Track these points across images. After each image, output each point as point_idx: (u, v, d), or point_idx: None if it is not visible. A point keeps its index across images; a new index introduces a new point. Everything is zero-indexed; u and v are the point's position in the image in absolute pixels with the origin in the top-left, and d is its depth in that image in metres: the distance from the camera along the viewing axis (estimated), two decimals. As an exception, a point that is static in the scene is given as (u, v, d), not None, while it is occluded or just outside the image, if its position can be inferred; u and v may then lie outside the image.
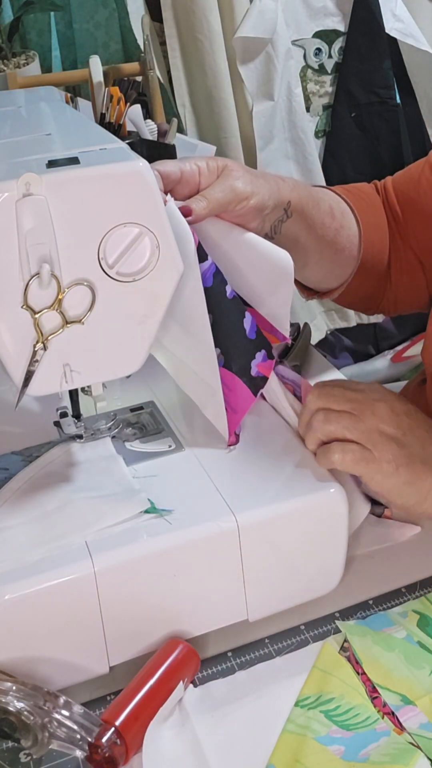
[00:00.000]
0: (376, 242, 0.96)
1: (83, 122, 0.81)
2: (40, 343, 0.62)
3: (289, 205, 0.81)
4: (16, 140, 0.71)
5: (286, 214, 0.81)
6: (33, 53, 2.00)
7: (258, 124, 2.17)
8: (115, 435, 0.78)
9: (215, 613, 0.69)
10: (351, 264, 0.94)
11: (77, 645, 0.65)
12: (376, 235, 0.96)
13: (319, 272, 0.94)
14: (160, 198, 0.62)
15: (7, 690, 0.59)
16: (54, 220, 0.59)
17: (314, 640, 0.70)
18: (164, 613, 0.67)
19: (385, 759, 0.59)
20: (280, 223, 0.81)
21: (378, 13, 2.18)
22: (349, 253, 0.93)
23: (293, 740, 0.61)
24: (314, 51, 2.24)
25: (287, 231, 0.82)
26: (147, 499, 0.69)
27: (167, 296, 0.65)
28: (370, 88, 2.25)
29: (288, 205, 0.81)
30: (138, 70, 1.95)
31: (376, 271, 0.97)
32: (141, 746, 0.60)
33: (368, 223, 0.94)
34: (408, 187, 0.98)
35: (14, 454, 0.77)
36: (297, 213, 0.82)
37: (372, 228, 0.95)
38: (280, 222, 0.81)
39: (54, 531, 0.66)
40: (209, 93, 2.12)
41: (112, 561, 0.64)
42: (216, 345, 0.72)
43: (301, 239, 0.85)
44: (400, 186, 1.00)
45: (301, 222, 0.84)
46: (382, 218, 0.98)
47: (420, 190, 0.96)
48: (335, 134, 2.31)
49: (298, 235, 0.84)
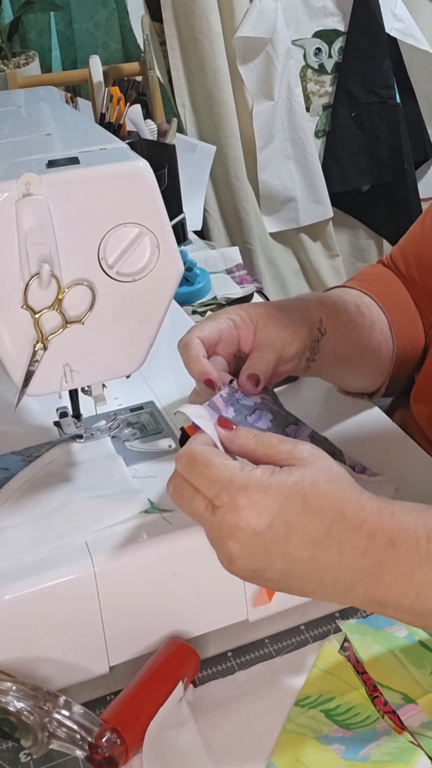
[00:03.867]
0: (406, 324, 0.92)
1: (83, 122, 0.82)
2: (40, 343, 0.62)
3: (321, 322, 0.78)
4: (16, 140, 0.71)
5: (320, 333, 0.78)
6: (33, 53, 2.01)
7: (258, 124, 2.17)
8: (115, 435, 0.78)
9: (215, 613, 0.69)
10: (390, 356, 0.90)
11: (77, 645, 0.65)
12: (405, 316, 0.92)
13: (365, 377, 0.90)
14: (160, 198, 0.62)
15: (7, 690, 0.59)
16: (54, 220, 0.59)
17: (314, 640, 0.70)
18: (164, 613, 0.67)
19: (386, 758, 0.59)
20: (317, 343, 0.77)
21: (378, 13, 2.18)
22: (386, 347, 0.89)
23: (293, 740, 0.61)
24: (314, 51, 2.24)
25: (324, 347, 0.79)
26: (147, 499, 0.69)
27: (167, 296, 0.65)
28: (370, 87, 2.25)
29: (320, 323, 0.78)
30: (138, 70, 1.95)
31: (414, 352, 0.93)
32: (141, 746, 0.60)
33: (393, 306, 0.91)
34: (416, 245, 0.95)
35: (14, 454, 0.77)
36: (330, 326, 0.79)
37: (399, 310, 0.92)
38: (316, 342, 0.77)
39: (54, 531, 0.66)
40: (209, 93, 2.12)
41: (112, 561, 0.64)
42: None
43: (339, 350, 0.81)
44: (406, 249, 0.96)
45: (336, 333, 0.80)
46: (405, 296, 0.94)
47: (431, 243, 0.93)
48: (335, 134, 2.31)
49: (336, 347, 0.81)
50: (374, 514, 0.54)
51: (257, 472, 0.54)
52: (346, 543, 0.53)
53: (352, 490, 0.55)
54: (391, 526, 0.54)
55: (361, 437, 0.90)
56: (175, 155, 1.43)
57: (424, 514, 0.55)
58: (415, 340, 0.93)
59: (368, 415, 0.95)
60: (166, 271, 0.64)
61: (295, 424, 0.69)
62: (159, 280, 0.64)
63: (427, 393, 0.91)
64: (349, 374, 0.88)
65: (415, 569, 0.53)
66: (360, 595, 0.54)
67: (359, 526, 0.53)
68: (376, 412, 0.95)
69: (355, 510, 0.54)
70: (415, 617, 0.55)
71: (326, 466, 0.55)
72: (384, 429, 0.93)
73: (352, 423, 0.93)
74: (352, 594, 0.55)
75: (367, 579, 0.54)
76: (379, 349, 0.88)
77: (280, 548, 0.53)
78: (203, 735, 0.62)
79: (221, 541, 0.54)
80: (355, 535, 0.53)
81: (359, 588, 0.54)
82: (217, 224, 2.26)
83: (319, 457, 0.55)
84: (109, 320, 0.63)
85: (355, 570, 0.53)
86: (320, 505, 0.53)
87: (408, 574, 0.53)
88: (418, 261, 0.94)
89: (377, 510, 0.54)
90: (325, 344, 0.78)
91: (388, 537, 0.53)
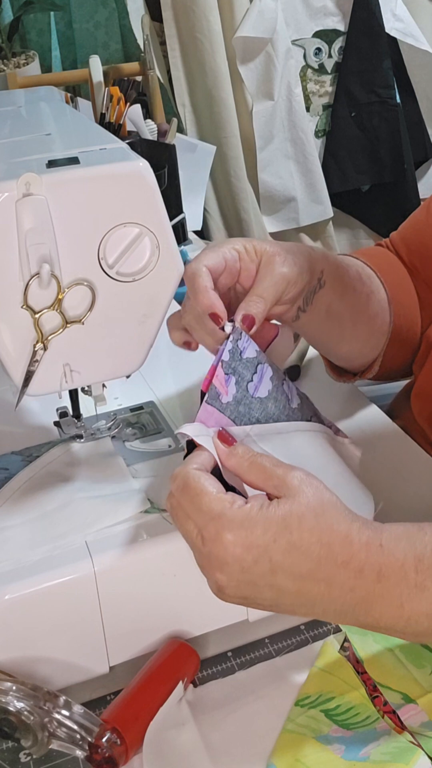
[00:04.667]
0: (405, 304, 0.91)
1: (83, 122, 0.82)
2: (40, 343, 0.62)
3: (322, 274, 0.76)
4: (16, 140, 0.71)
5: (319, 284, 0.76)
6: (33, 53, 2.01)
7: (258, 124, 2.17)
8: (115, 435, 0.78)
9: (215, 613, 0.69)
10: (385, 331, 0.88)
11: (77, 645, 0.65)
12: (405, 297, 0.91)
13: (356, 344, 0.88)
14: (160, 198, 0.62)
15: (7, 690, 0.59)
16: (54, 220, 0.59)
17: (314, 640, 0.70)
18: (164, 613, 0.67)
19: (386, 758, 0.59)
20: (312, 294, 0.75)
21: (378, 13, 2.18)
22: (382, 320, 0.88)
23: (293, 740, 0.61)
24: (314, 51, 2.24)
25: (319, 301, 0.77)
26: (147, 499, 0.69)
27: (167, 296, 0.65)
28: (370, 87, 2.25)
29: (321, 274, 0.76)
30: (138, 70, 1.95)
31: (411, 334, 0.92)
32: (141, 746, 0.60)
33: (394, 284, 0.90)
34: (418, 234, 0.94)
35: (14, 454, 0.77)
36: (329, 281, 0.77)
37: (399, 290, 0.90)
38: (312, 293, 0.75)
39: (54, 531, 0.66)
40: (209, 93, 2.12)
41: (112, 561, 0.64)
42: None
43: (333, 307, 0.79)
44: (408, 236, 0.95)
45: (334, 290, 0.78)
46: (405, 277, 0.93)
47: None
48: (335, 134, 2.31)
49: (330, 303, 0.78)
50: (362, 549, 0.54)
51: (246, 508, 0.54)
52: (334, 579, 0.53)
53: (342, 521, 0.55)
54: (378, 560, 0.54)
55: (362, 438, 0.90)
56: (175, 155, 1.43)
57: (413, 540, 0.55)
58: (413, 322, 0.92)
59: (369, 416, 0.95)
60: (166, 271, 0.64)
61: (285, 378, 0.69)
62: (159, 280, 0.64)
63: (429, 390, 0.91)
64: (340, 338, 0.85)
65: (404, 602, 0.53)
66: (351, 621, 0.56)
67: (347, 562, 0.53)
68: (376, 412, 0.95)
69: (342, 545, 0.54)
70: (409, 637, 0.56)
71: (317, 495, 0.55)
72: (384, 429, 0.93)
73: (353, 423, 0.93)
74: (343, 620, 0.56)
75: (357, 610, 0.54)
76: (374, 320, 0.86)
77: (267, 581, 0.54)
78: (203, 735, 0.62)
79: (210, 570, 0.55)
80: (343, 571, 0.53)
81: (350, 616, 0.55)
82: (217, 224, 2.26)
83: (311, 485, 0.55)
84: (109, 320, 0.63)
85: (343, 603, 0.54)
86: (307, 542, 0.53)
87: (397, 606, 0.53)
88: (421, 250, 0.93)
89: (366, 544, 0.54)
90: (320, 297, 0.76)
91: (376, 572, 0.53)
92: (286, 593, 0.54)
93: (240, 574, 0.54)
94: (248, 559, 0.53)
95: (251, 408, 0.64)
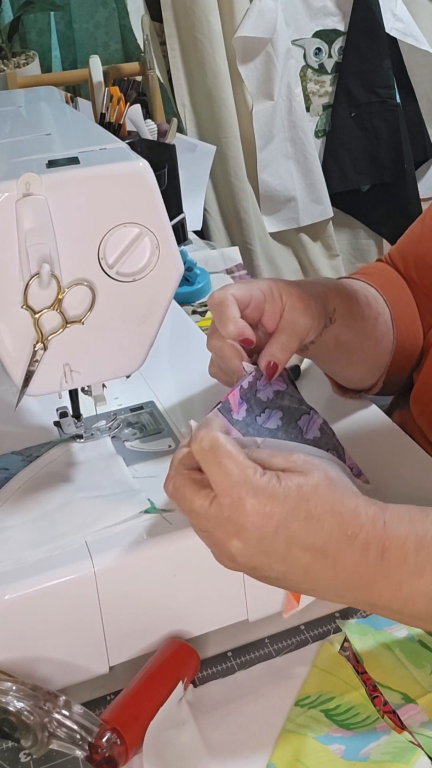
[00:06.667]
0: (407, 319, 0.91)
1: (83, 122, 0.82)
2: (40, 343, 0.62)
3: (334, 312, 0.77)
4: (16, 140, 0.71)
5: (330, 321, 0.77)
6: (33, 53, 2.01)
7: (258, 124, 2.17)
8: (115, 435, 0.78)
9: (215, 613, 0.69)
10: (389, 350, 0.89)
11: (77, 645, 0.65)
12: (406, 311, 0.92)
13: (362, 369, 0.89)
14: (160, 198, 0.62)
15: (7, 690, 0.59)
16: (54, 220, 0.59)
17: (314, 640, 0.70)
18: (164, 613, 0.67)
19: (386, 758, 0.59)
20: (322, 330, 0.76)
21: (378, 13, 2.18)
22: (387, 340, 0.88)
23: (293, 740, 0.61)
24: (314, 51, 2.24)
25: (328, 334, 0.77)
26: (147, 499, 0.69)
27: (167, 296, 0.65)
28: (370, 87, 2.25)
29: (333, 312, 0.77)
30: (138, 70, 1.95)
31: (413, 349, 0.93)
32: (141, 746, 0.60)
33: (395, 299, 0.91)
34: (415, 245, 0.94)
35: (14, 454, 0.77)
36: (340, 316, 0.78)
37: (400, 304, 0.91)
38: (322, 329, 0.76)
39: (54, 531, 0.66)
40: (209, 93, 2.12)
41: (112, 561, 0.64)
42: None
43: (341, 338, 0.80)
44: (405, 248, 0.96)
45: (342, 323, 0.79)
46: (405, 290, 0.94)
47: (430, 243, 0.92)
48: (335, 134, 2.31)
49: (339, 335, 0.79)
50: (369, 522, 0.54)
51: (265, 479, 0.54)
52: (341, 555, 0.54)
53: (350, 494, 0.56)
54: (382, 537, 0.54)
55: (361, 437, 0.90)
56: (175, 155, 1.43)
57: (414, 521, 0.55)
58: (414, 336, 0.93)
59: (368, 415, 0.94)
60: (166, 271, 0.64)
61: (308, 413, 0.69)
62: (159, 280, 0.64)
63: (427, 394, 0.91)
64: (347, 364, 0.87)
65: (402, 581, 0.54)
66: (351, 599, 0.56)
67: (355, 534, 0.54)
68: (376, 412, 0.95)
69: (352, 516, 0.54)
70: (406, 619, 0.57)
71: (322, 472, 0.55)
72: (384, 429, 0.93)
73: (352, 423, 0.93)
74: (344, 598, 0.57)
75: (357, 588, 0.55)
76: (381, 342, 0.88)
77: (281, 554, 0.54)
78: (203, 735, 0.62)
79: (225, 537, 0.54)
80: (350, 546, 0.54)
81: (350, 594, 0.56)
82: (217, 224, 2.26)
83: (314, 464, 0.56)
84: (109, 320, 0.63)
85: (346, 581, 0.55)
86: (322, 509, 0.54)
87: (396, 585, 0.54)
88: (417, 261, 0.94)
89: (372, 518, 0.55)
90: (329, 331, 0.78)
91: (380, 550, 0.54)
92: (296, 567, 0.55)
93: (257, 542, 0.54)
94: (268, 529, 0.53)
95: (260, 433, 0.65)
